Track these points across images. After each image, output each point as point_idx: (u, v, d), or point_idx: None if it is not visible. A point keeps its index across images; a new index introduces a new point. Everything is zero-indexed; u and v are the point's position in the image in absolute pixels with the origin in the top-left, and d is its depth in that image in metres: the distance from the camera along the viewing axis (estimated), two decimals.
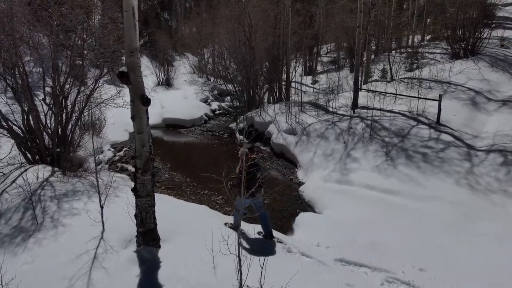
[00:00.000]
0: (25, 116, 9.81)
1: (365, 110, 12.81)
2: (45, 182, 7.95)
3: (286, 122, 13.30)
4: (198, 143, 14.99)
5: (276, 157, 12.65)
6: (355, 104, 13.68)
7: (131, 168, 11.47)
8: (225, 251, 4.74)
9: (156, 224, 6.17)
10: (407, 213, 7.33)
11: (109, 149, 13.82)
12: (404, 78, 15.73)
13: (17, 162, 9.82)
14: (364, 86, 17.07)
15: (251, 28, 16.68)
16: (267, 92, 17.89)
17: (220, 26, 19.21)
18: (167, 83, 24.12)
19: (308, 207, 8.68)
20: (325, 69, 26.83)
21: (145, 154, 5.85)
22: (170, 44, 29.14)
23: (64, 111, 11.18)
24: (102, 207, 6.49)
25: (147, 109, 5.84)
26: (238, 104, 18.26)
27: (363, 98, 14.51)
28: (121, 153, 13.46)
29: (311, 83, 22.80)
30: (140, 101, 5.66)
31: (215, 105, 21.28)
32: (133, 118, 5.77)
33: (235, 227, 6.64)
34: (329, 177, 9.42)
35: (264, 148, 13.64)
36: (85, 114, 14.32)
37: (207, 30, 22.95)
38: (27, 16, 9.95)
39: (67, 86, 11.24)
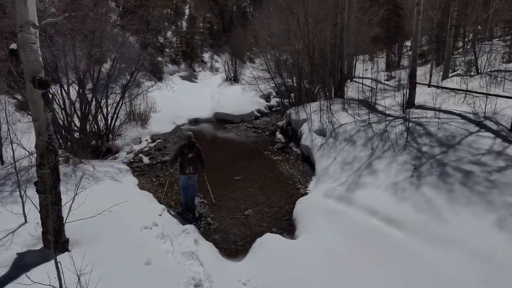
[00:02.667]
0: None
1: (419, 110, 9.77)
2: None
3: (320, 121, 11.10)
4: (232, 139, 13.80)
5: (303, 160, 10.64)
6: (410, 103, 10.65)
7: (146, 160, 10.94)
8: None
9: (61, 225, 5.21)
10: (405, 260, 4.83)
11: (146, 140, 13.68)
12: (493, 71, 11.75)
13: None
14: (443, 82, 13.49)
15: (306, 16, 14.64)
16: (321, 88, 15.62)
17: (273, 17, 17.56)
18: (234, 79, 23.59)
19: (289, 226, 6.70)
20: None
21: (42, 144, 4.91)
22: (247, 41, 28.60)
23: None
24: (21, 197, 5.86)
25: (45, 93, 4.87)
26: (291, 100, 16.44)
27: (427, 95, 11.29)
28: (153, 144, 13.13)
29: (386, 79, 19.40)
30: (33, 84, 4.71)
31: (274, 101, 19.83)
32: (27, 103, 4.87)
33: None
34: (332, 191, 7.17)
35: (296, 149, 11.68)
36: (127, 104, 14.55)
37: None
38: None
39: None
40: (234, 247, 6.08)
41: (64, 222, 5.20)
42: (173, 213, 7.14)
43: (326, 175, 8.31)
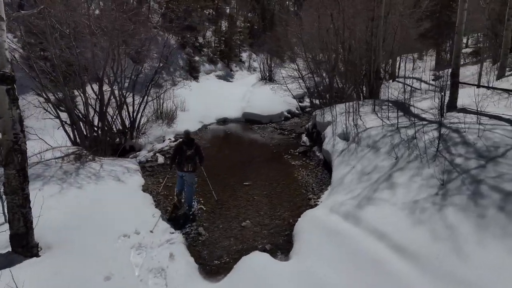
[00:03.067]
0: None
1: (461, 114, 8.33)
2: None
3: (346, 124, 10.02)
4: (254, 141, 13.11)
5: (323, 166, 9.68)
6: (451, 105, 9.19)
7: (160, 159, 10.65)
8: None
9: (29, 228, 4.90)
10: None
11: (169, 139, 13.47)
12: None
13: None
14: (497, 82, 11.68)
15: (340, 11, 13.52)
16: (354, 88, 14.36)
17: (307, 13, 16.53)
18: (269, 79, 22.89)
19: (287, 244, 5.87)
20: (465, 62, 20.41)
21: (7, 143, 4.61)
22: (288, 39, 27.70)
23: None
24: (1, 197, 5.66)
25: (9, 89, 4.55)
26: (322, 101, 15.37)
27: (474, 97, 9.70)
28: (175, 142, 12.85)
29: (433, 79, 17.52)
30: None
31: (308, 101, 18.80)
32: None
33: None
34: (341, 206, 6.20)
35: (318, 154, 10.70)
36: (154, 102, 14.48)
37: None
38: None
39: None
40: (217, 265, 5.40)
41: (33, 225, 4.90)
42: (166, 218, 6.64)
43: (341, 186, 7.31)
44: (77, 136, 10.26)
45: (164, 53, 14.97)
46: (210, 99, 18.53)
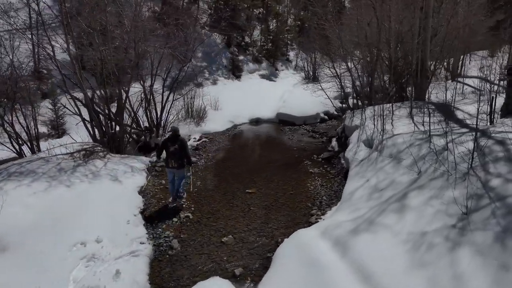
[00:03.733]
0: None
1: None
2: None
3: (374, 128, 8.65)
4: (279, 143, 12.13)
5: (344, 176, 8.44)
6: (506, 109, 7.36)
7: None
8: None
9: None
10: None
11: (194, 138, 13.13)
12: None
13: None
14: None
15: (384, 1, 11.94)
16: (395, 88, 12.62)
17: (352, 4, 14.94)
18: (313, 78, 21.59)
19: (263, 269, 4.93)
20: None
21: None
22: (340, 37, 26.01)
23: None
24: None
25: None
26: (362, 102, 13.83)
27: None
28: (198, 142, 12.44)
29: (501, 79, 14.81)
30: None
31: (351, 102, 17.20)
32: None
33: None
34: (335, 229, 5.08)
35: (343, 161, 9.43)
36: (185, 100, 14.25)
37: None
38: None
39: None
40: None
41: None
42: (144, 225, 6.10)
43: (348, 202, 6.12)
44: (96, 133, 10.31)
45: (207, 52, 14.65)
46: (247, 98, 17.89)
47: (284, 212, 6.76)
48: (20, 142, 9.04)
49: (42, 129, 12.50)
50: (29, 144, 9.27)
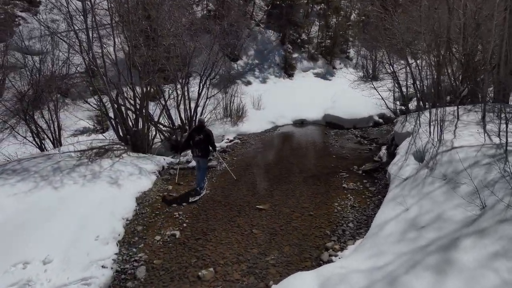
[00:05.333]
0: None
1: None
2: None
3: (429, 138, 6.61)
4: (318, 149, 10.40)
5: (383, 194, 6.60)
6: None
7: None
8: None
9: None
10: None
11: (227, 139, 12.07)
12: None
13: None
14: None
15: None
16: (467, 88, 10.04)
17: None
18: (373, 76, 19.14)
19: None
20: None
21: None
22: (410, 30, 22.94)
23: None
24: None
25: None
26: (425, 103, 11.41)
27: None
28: (229, 144, 11.34)
29: None
30: None
31: (413, 104, 14.64)
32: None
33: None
34: (337, 285, 3.47)
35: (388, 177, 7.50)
36: (225, 99, 13.29)
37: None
38: None
39: None
40: None
41: None
42: (119, 243, 5.10)
43: (373, 239, 4.39)
44: (119, 131, 9.80)
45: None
46: (295, 98, 16.35)
47: (292, 241, 5.23)
48: (42, 137, 8.87)
49: (85, 124, 12.54)
50: (51, 138, 9.06)
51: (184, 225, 5.70)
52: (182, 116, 11.52)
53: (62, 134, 9.40)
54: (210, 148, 7.14)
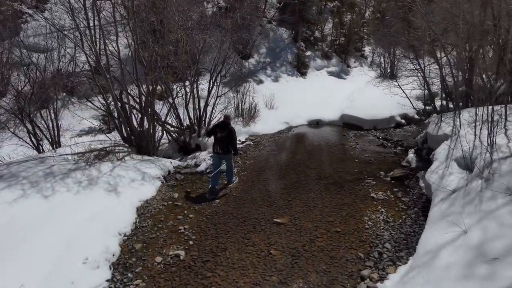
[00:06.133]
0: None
1: None
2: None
3: (475, 141, 5.61)
4: (338, 153, 9.42)
5: (422, 208, 5.62)
6: None
7: (202, 166, 8.34)
8: None
9: None
10: None
11: (239, 140, 11.16)
12: None
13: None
14: None
15: None
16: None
17: None
18: (391, 75, 18.03)
19: None
20: None
21: None
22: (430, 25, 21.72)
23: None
24: None
25: None
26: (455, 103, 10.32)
27: None
28: (240, 145, 10.42)
29: None
30: None
31: (438, 104, 13.51)
32: None
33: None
34: None
35: (422, 184, 6.51)
36: (236, 98, 12.41)
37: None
38: None
39: None
40: None
41: None
42: (110, 265, 4.25)
43: (425, 270, 3.44)
44: (123, 131, 9.01)
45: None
46: (310, 97, 15.41)
47: (319, 266, 4.31)
48: (39, 137, 8.12)
49: (90, 124, 11.79)
50: (50, 139, 8.30)
51: (191, 242, 4.83)
52: (191, 115, 10.69)
53: (62, 135, 8.65)
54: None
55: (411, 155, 8.40)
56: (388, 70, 18.57)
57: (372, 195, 6.37)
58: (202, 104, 10.68)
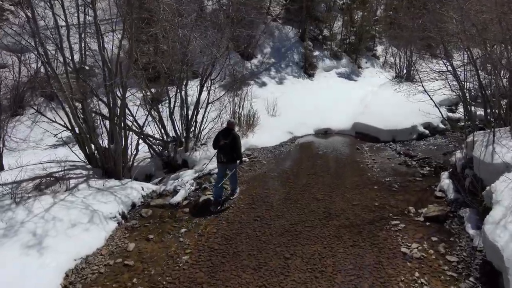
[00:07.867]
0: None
1: None
2: None
3: None
4: (349, 175, 7.42)
5: (482, 280, 3.63)
6: None
7: (178, 197, 6.51)
8: None
9: None
10: None
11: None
12: None
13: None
14: None
15: None
16: None
17: None
18: (407, 77, 15.90)
19: None
20: None
21: None
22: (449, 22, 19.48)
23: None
24: None
25: None
26: (492, 111, 8.21)
27: None
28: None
29: None
30: None
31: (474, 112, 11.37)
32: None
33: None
34: None
35: (472, 230, 4.52)
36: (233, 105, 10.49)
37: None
38: None
39: None
40: None
41: None
42: None
43: None
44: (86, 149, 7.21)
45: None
46: (318, 101, 13.39)
47: None
48: None
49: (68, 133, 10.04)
50: None
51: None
52: (177, 125, 8.89)
53: (10, 153, 6.90)
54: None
55: (445, 181, 6.37)
56: (404, 72, 16.41)
57: (402, 250, 4.41)
58: (190, 112, 8.85)
